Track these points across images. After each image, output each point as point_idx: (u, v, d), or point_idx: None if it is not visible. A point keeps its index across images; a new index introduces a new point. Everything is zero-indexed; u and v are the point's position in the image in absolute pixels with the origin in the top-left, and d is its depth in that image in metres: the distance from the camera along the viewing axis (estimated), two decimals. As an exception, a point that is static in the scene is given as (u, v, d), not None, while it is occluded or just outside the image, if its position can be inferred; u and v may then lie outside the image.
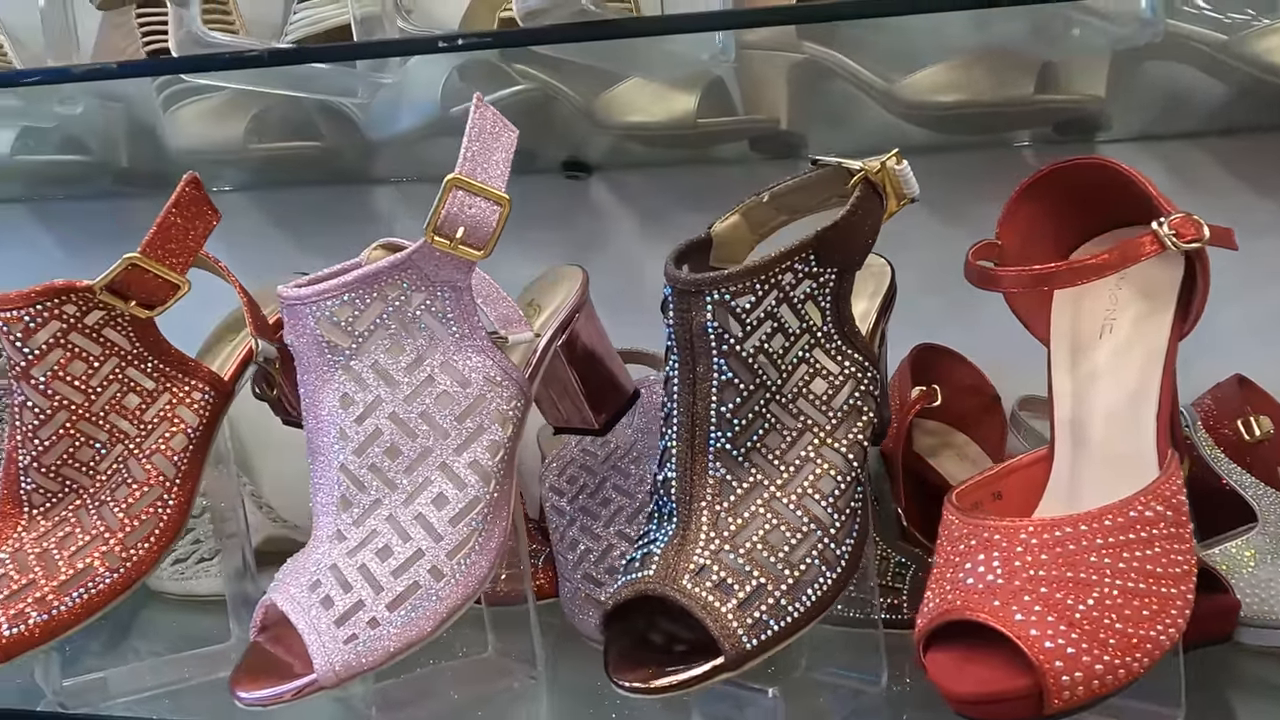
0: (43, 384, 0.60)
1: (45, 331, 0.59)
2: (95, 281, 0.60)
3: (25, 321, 0.59)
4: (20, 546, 0.62)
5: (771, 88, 0.86)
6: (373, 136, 0.88)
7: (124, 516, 0.62)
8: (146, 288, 0.61)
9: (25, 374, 0.60)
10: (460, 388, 0.58)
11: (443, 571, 0.56)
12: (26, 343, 0.59)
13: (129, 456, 0.63)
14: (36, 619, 0.60)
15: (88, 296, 0.60)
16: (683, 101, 0.82)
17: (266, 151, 0.90)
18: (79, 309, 0.60)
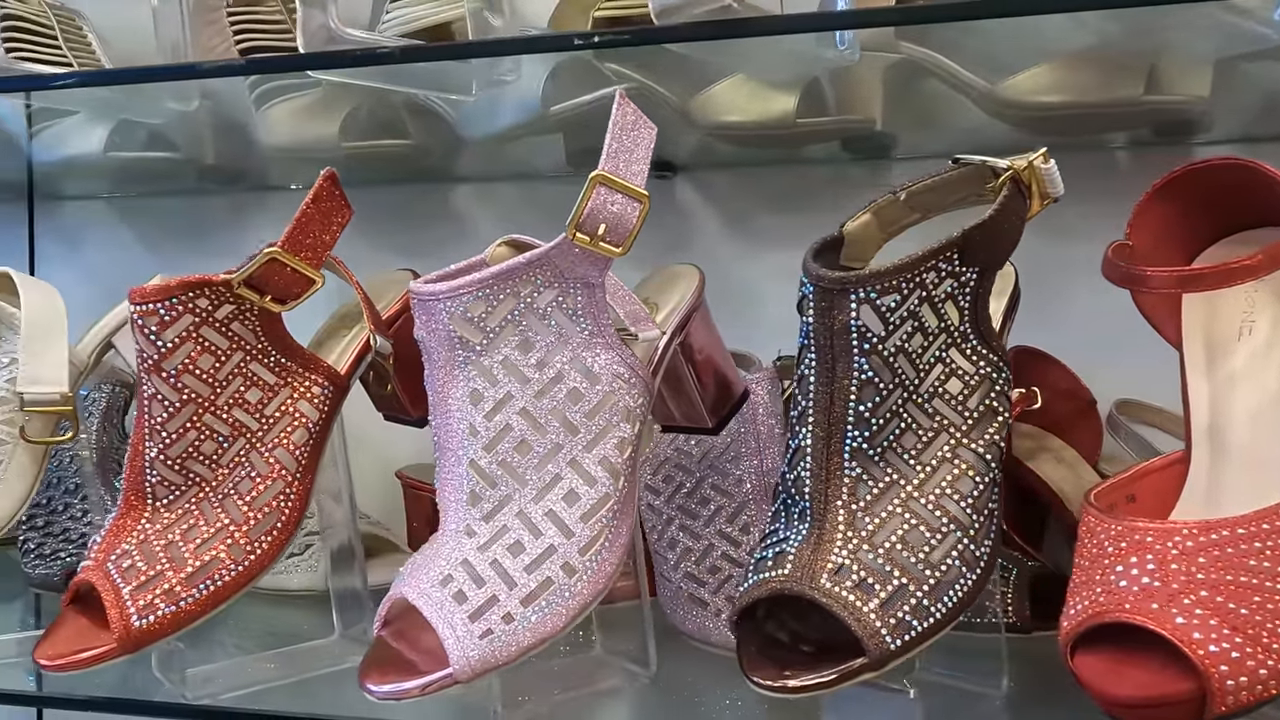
0: (173, 377, 0.61)
1: (179, 325, 0.60)
2: (233, 275, 0.60)
3: (160, 315, 0.59)
4: (145, 538, 0.62)
5: (866, 88, 0.86)
6: (466, 135, 0.89)
7: (248, 510, 0.63)
8: (283, 282, 0.61)
9: (157, 367, 0.60)
10: (589, 384, 0.58)
11: (575, 568, 0.56)
12: (160, 336, 0.60)
13: (251, 450, 0.64)
14: (165, 610, 0.60)
15: (221, 291, 0.60)
16: (782, 101, 0.82)
17: (356, 149, 0.91)
18: (211, 303, 0.60)
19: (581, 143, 0.97)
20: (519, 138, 0.88)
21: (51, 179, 1.14)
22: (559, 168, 1.01)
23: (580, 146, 0.98)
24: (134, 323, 0.60)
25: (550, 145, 0.96)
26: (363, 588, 0.72)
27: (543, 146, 0.96)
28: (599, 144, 0.97)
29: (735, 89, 0.84)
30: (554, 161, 1.00)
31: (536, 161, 1.00)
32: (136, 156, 0.97)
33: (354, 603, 0.73)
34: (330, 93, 0.93)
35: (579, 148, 0.97)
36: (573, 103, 0.81)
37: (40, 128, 0.99)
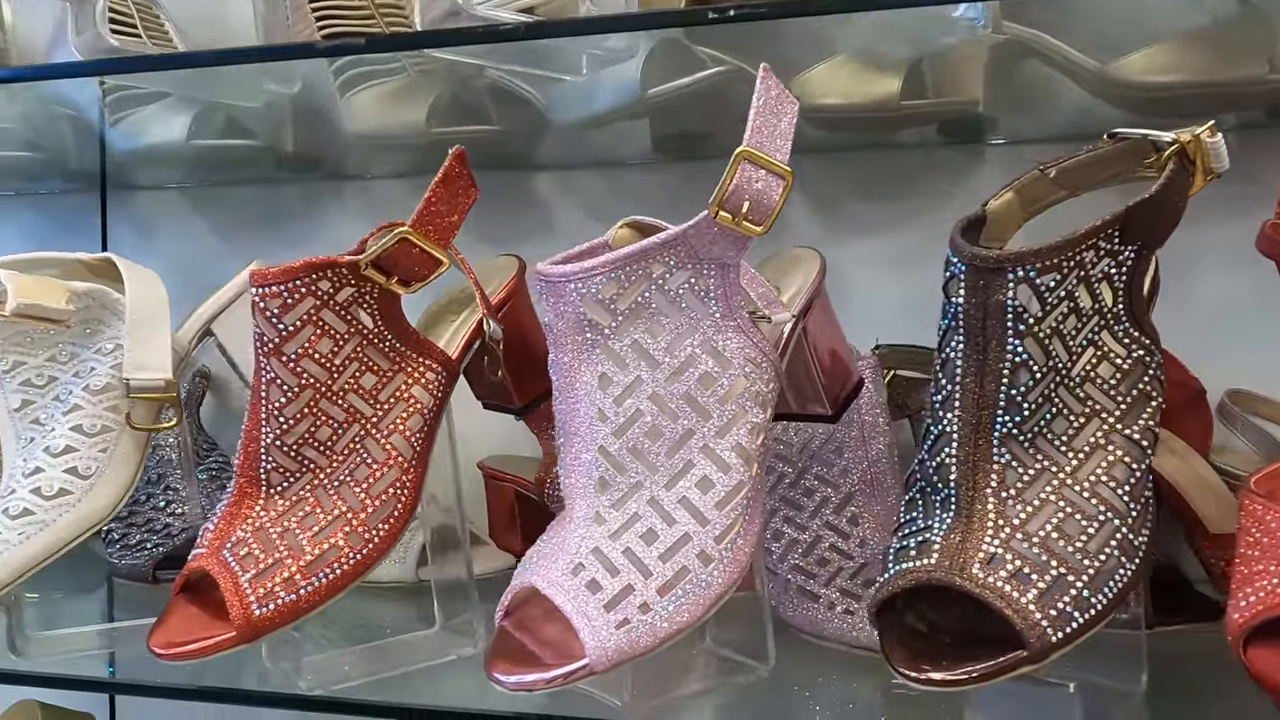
0: (292, 361, 0.60)
1: (300, 308, 0.59)
2: (360, 256, 0.59)
3: (283, 297, 0.58)
4: (261, 526, 0.61)
5: (968, 69, 0.84)
6: (557, 120, 0.87)
7: (365, 497, 0.61)
8: (411, 263, 0.60)
9: (277, 350, 0.59)
10: (721, 368, 0.56)
11: (711, 556, 0.55)
12: (282, 319, 0.58)
13: (366, 436, 0.62)
14: (285, 599, 0.59)
15: (344, 273, 0.59)
16: (886, 83, 0.80)
17: (443, 135, 0.90)
18: (333, 285, 0.59)
19: (668, 129, 0.96)
20: (611, 123, 0.86)
21: (125, 169, 1.13)
22: (644, 155, 0.99)
23: (667, 133, 0.96)
24: (255, 305, 0.58)
25: (637, 131, 0.94)
26: (469, 579, 0.70)
27: (629, 133, 0.94)
28: (687, 130, 0.97)
29: (835, 71, 0.82)
30: (639, 148, 0.98)
31: (621, 148, 0.98)
32: (217, 144, 0.96)
33: (458, 594, 0.72)
34: (415, 79, 0.92)
35: (666, 134, 0.96)
36: (672, 85, 0.80)
37: (119, 117, 0.98)
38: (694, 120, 0.94)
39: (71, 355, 0.70)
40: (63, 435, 0.68)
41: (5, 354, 0.69)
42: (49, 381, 0.70)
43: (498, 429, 0.99)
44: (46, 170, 1.10)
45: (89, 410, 0.68)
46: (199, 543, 0.63)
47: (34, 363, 0.70)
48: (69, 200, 1.18)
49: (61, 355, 0.70)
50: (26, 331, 0.69)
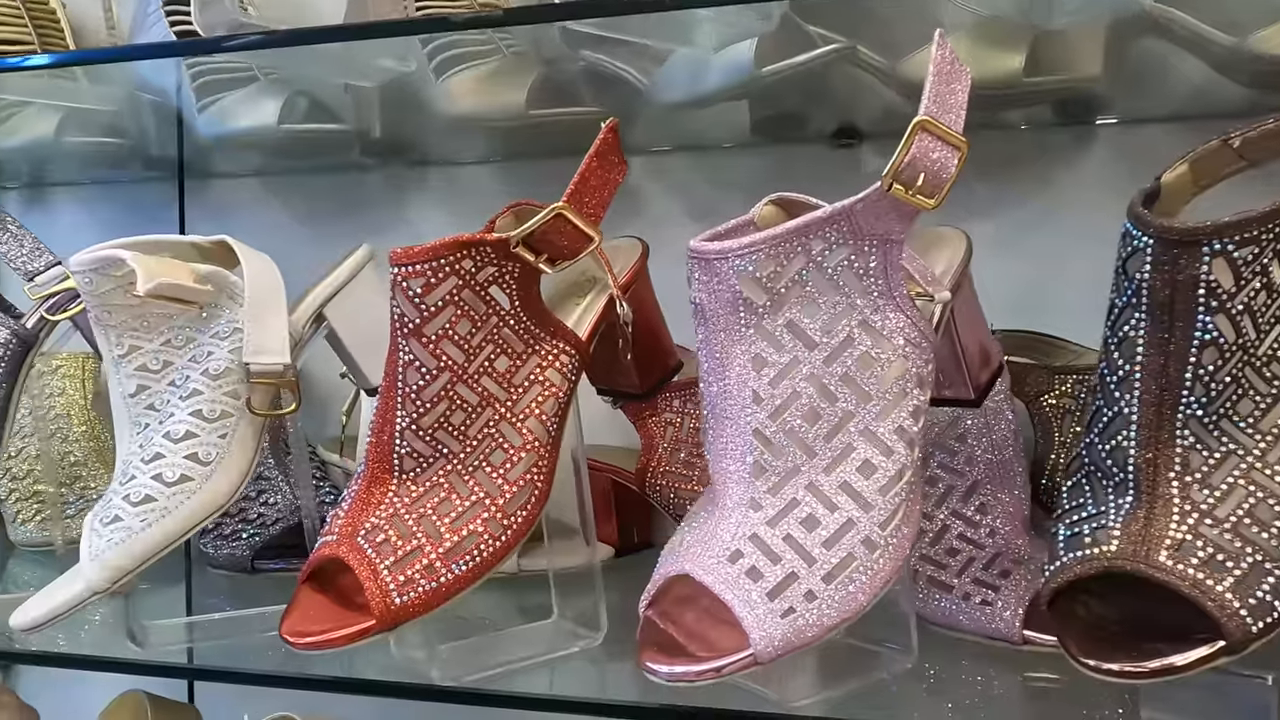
0: (432, 343, 0.58)
1: (443, 288, 0.57)
2: (513, 234, 0.57)
3: (427, 276, 0.56)
4: (395, 511, 0.60)
5: (1089, 45, 0.81)
6: (659, 100, 0.85)
7: (503, 482, 0.60)
8: (562, 241, 0.58)
9: (417, 332, 0.58)
10: (881, 349, 0.54)
11: (876, 543, 0.53)
12: (424, 299, 0.57)
13: (501, 420, 0.61)
14: (425, 586, 0.57)
15: (487, 252, 0.57)
16: (1009, 60, 0.78)
17: (543, 118, 0.88)
18: (475, 264, 0.57)
19: (767, 111, 0.94)
20: (714, 104, 0.84)
21: (203, 156, 1.12)
22: (739, 137, 0.97)
23: (765, 115, 0.94)
24: (397, 285, 0.57)
25: (735, 114, 0.92)
26: (594, 569, 0.69)
27: (726, 115, 0.92)
28: (787, 111, 0.94)
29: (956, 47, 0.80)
30: (735, 131, 0.96)
31: (715, 132, 0.97)
32: (308, 129, 0.95)
33: (572, 584, 0.70)
34: (513, 60, 0.90)
35: (764, 116, 0.94)
36: (788, 63, 0.78)
37: (206, 102, 0.97)
38: (794, 103, 0.92)
39: (188, 340, 0.68)
40: (183, 421, 0.66)
41: (122, 339, 0.68)
42: (164, 366, 0.68)
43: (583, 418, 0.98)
44: (129, 157, 1.09)
45: (208, 395, 0.67)
46: (327, 530, 0.62)
47: (149, 348, 0.68)
48: (146, 189, 1.17)
49: (177, 340, 0.68)
50: (144, 316, 0.67)
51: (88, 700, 1.03)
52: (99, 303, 0.67)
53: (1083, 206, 0.91)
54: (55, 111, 1.02)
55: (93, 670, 0.76)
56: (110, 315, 0.67)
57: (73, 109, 1.01)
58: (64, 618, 0.65)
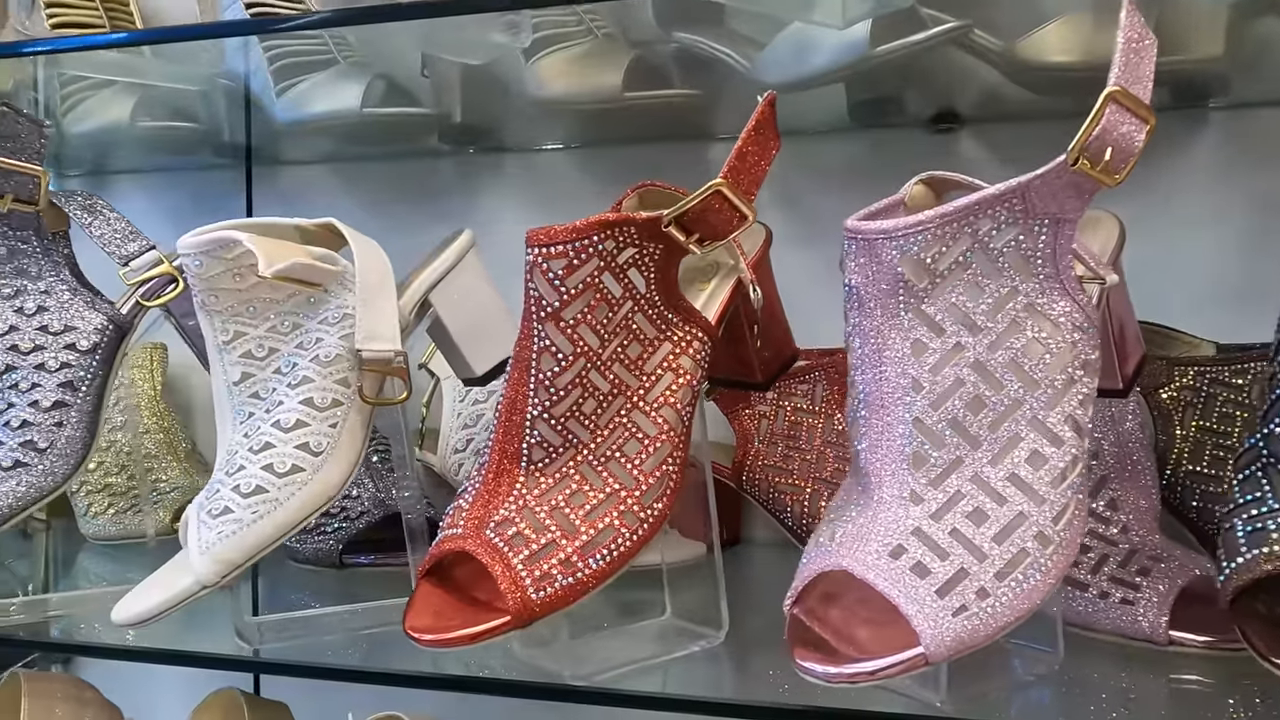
0: (570, 328, 0.56)
1: (584, 270, 0.54)
2: (666, 213, 0.55)
3: (569, 258, 0.54)
4: (525, 504, 0.57)
5: (1208, 24, 0.78)
6: (764, 81, 0.82)
7: (638, 474, 0.57)
8: (715, 220, 0.56)
9: (555, 316, 0.55)
10: (1049, 334, 0.52)
11: (1049, 538, 0.50)
12: (565, 281, 0.54)
13: (633, 409, 0.58)
14: (562, 582, 0.55)
15: (631, 232, 0.55)
16: (1131, 39, 0.75)
17: (639, 101, 0.85)
18: (617, 245, 0.55)
19: (865, 95, 0.91)
20: (820, 85, 0.81)
21: (270, 143, 1.10)
22: (834, 123, 0.95)
23: (863, 99, 0.92)
24: (535, 266, 0.54)
25: (829, 98, 0.90)
26: (716, 565, 0.66)
27: (820, 99, 0.90)
28: (885, 95, 0.92)
29: (1071, 27, 0.77)
30: (830, 116, 0.94)
31: (808, 116, 0.94)
32: (391, 112, 0.92)
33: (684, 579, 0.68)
34: (604, 42, 0.88)
35: (862, 100, 0.91)
36: (903, 42, 0.75)
37: (284, 85, 0.95)
38: (893, 86, 0.89)
39: (294, 326, 0.66)
40: (293, 409, 0.64)
41: (226, 325, 0.66)
42: (269, 353, 0.66)
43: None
44: (199, 143, 1.07)
45: (319, 383, 0.64)
46: (449, 523, 0.59)
47: (254, 334, 0.66)
48: (211, 176, 1.15)
49: (283, 326, 0.66)
50: (250, 301, 0.65)
51: (149, 695, 1.02)
52: (206, 287, 0.64)
53: (1195, 193, 0.88)
54: (130, 95, 1.00)
55: (154, 663, 0.74)
56: (216, 300, 0.65)
57: (148, 93, 0.99)
58: (170, 613, 0.63)
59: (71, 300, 0.71)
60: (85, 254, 0.81)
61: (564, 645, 0.63)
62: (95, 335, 0.71)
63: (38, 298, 0.71)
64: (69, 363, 0.70)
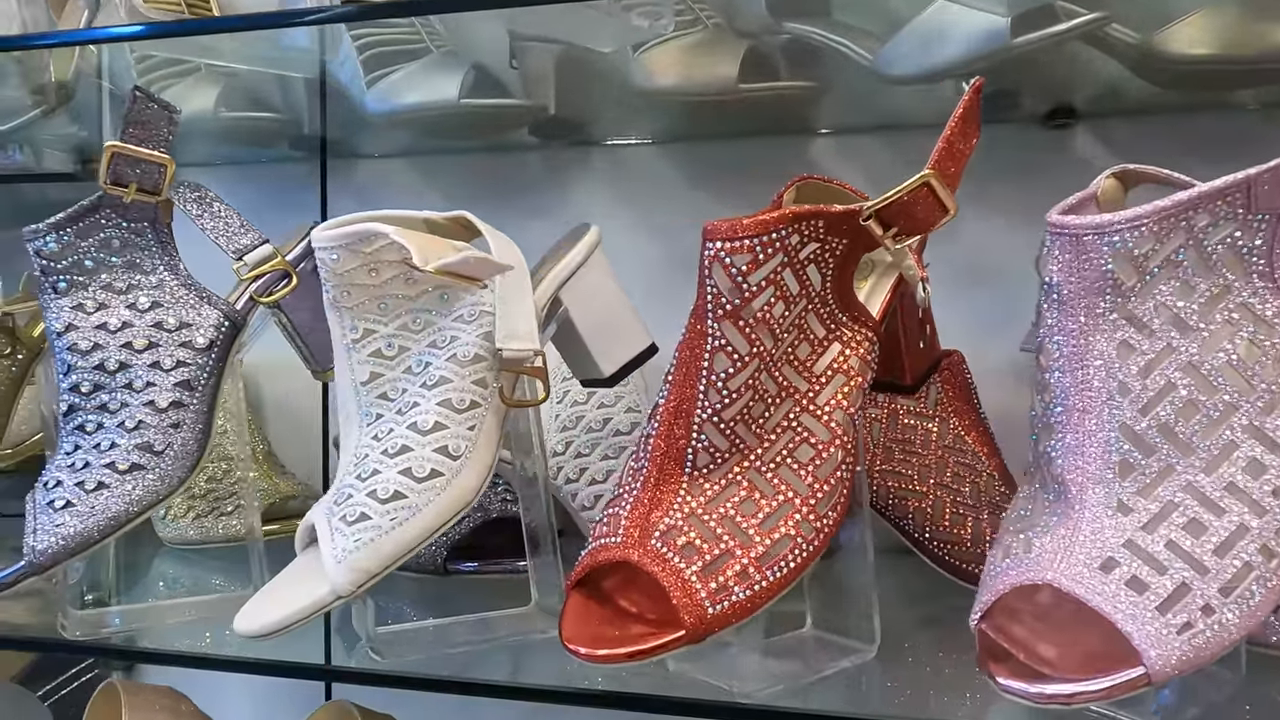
0: (749, 326, 0.53)
1: (769, 265, 0.52)
2: (868, 205, 0.52)
3: (755, 253, 0.51)
4: (691, 511, 0.55)
5: None
6: (886, 73, 0.80)
7: (812, 480, 0.55)
8: (919, 213, 0.53)
9: (735, 314, 0.52)
10: (1264, 334, 0.49)
11: (1274, 550, 0.48)
12: (748, 277, 0.51)
13: (802, 412, 0.55)
14: (740, 595, 0.52)
15: (817, 226, 0.52)
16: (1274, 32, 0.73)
17: (752, 94, 0.83)
18: (801, 239, 0.52)
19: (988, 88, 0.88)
20: (948, 78, 0.79)
21: (346, 136, 1.07)
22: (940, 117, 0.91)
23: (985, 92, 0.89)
24: (715, 261, 0.51)
25: (939, 92, 0.87)
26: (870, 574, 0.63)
27: (931, 93, 0.87)
28: (1004, 89, 0.89)
29: (1211, 19, 0.75)
30: (936, 111, 0.90)
31: (919, 111, 0.91)
32: (488, 104, 0.89)
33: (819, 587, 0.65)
34: (715, 32, 0.85)
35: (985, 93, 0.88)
36: (1043, 33, 0.72)
37: (375, 76, 0.92)
38: (1012, 80, 0.86)
39: (426, 323, 0.63)
40: (430, 411, 0.61)
41: (357, 323, 0.63)
42: (399, 352, 0.63)
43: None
44: (276, 135, 1.04)
45: (457, 384, 0.61)
46: (605, 531, 0.56)
47: (385, 331, 0.63)
48: (284, 170, 1.12)
49: (415, 324, 0.63)
50: (382, 298, 0.62)
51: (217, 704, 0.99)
52: (340, 282, 0.61)
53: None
54: (213, 85, 0.97)
55: (223, 670, 0.71)
56: (348, 296, 0.62)
57: (231, 83, 0.96)
58: (302, 624, 0.60)
59: (186, 295, 0.68)
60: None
61: (715, 659, 0.60)
62: (211, 331, 0.68)
63: (151, 292, 0.68)
64: (185, 361, 0.67)
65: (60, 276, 0.66)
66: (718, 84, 0.82)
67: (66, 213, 0.65)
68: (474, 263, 0.55)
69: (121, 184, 0.64)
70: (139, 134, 0.64)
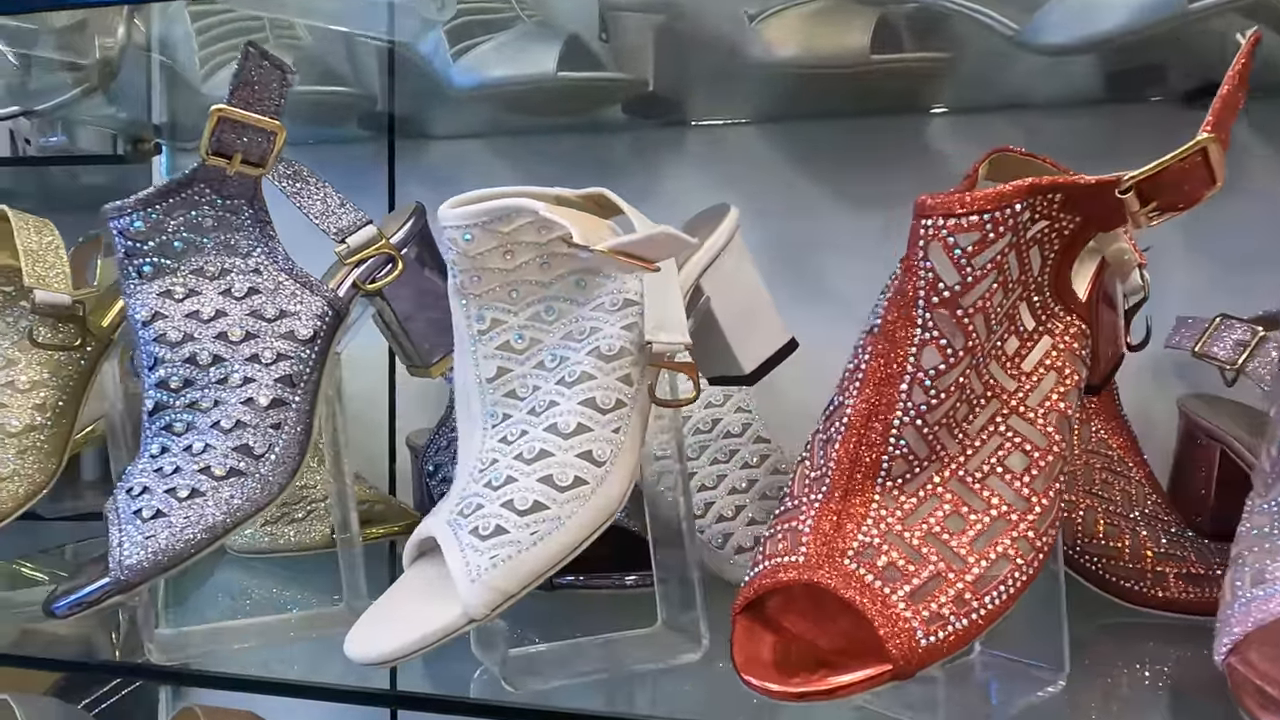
0: (968, 316, 0.46)
1: (996, 246, 0.45)
2: (1129, 175, 0.45)
3: (984, 231, 0.44)
4: (889, 528, 0.48)
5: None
6: (1039, 41, 0.73)
7: (1029, 493, 0.48)
8: (1187, 184, 0.45)
9: (953, 301, 0.46)
10: None
11: None
12: (972, 260, 0.45)
13: (1010, 415, 0.49)
14: (956, 625, 0.46)
15: (1053, 200, 0.45)
16: None
17: (884, 65, 0.76)
18: (1031, 217, 0.45)
19: (1130, 64, 0.82)
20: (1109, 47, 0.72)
21: (417, 114, 1.01)
22: (1084, 94, 0.85)
23: (1126, 69, 0.82)
24: (935, 240, 0.45)
25: (1072, 68, 0.80)
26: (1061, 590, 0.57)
27: (1062, 69, 0.80)
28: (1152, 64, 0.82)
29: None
30: (1081, 86, 0.84)
31: (1043, 89, 0.85)
32: (587, 78, 0.83)
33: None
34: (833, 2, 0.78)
35: (1124, 70, 0.82)
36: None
37: (462, 47, 0.85)
38: (1160, 55, 0.80)
39: (560, 313, 0.56)
40: (571, 412, 0.54)
41: (484, 312, 0.56)
42: (530, 345, 0.56)
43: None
44: (345, 113, 0.97)
45: (601, 381, 0.55)
46: (783, 549, 0.50)
47: (514, 322, 0.56)
48: (348, 151, 1.05)
49: (548, 313, 0.56)
50: (514, 284, 0.55)
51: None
52: (471, 266, 0.55)
53: None
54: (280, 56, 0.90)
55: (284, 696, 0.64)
56: (477, 282, 0.55)
57: (299, 55, 0.89)
58: (427, 650, 0.54)
59: (285, 281, 0.61)
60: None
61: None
62: (315, 322, 0.61)
63: (247, 278, 0.61)
64: (286, 354, 0.60)
65: (146, 259, 0.59)
66: (849, 55, 0.75)
67: (156, 188, 0.58)
68: (663, 240, 0.48)
69: (224, 154, 0.58)
70: (247, 96, 0.57)
